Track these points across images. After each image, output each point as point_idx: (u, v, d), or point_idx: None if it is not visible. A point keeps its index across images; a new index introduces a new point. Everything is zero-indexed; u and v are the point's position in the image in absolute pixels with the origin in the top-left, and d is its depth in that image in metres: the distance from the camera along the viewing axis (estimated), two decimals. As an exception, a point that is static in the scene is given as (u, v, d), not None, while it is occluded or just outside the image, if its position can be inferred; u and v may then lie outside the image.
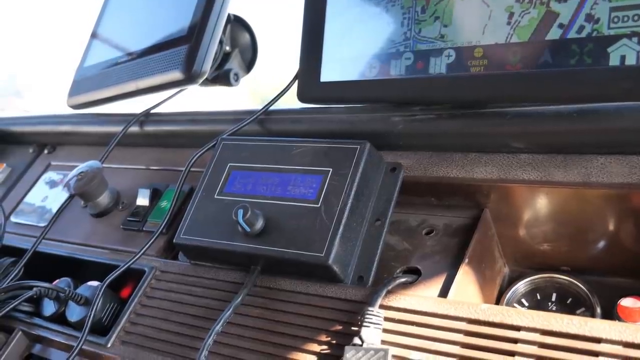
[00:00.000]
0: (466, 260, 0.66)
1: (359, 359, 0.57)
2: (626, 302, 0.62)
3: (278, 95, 0.88)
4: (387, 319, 0.61)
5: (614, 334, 0.51)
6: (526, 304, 0.70)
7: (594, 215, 0.65)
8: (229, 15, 0.98)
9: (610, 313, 0.63)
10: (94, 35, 1.16)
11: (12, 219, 1.09)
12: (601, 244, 0.67)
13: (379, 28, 0.75)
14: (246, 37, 1.05)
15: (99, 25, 1.17)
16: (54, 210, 1.01)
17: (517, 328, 0.55)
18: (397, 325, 0.61)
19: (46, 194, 1.11)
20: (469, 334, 0.57)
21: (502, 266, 0.73)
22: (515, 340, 0.55)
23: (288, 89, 0.87)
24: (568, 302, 0.68)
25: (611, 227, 0.65)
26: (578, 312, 0.67)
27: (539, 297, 0.70)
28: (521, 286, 0.71)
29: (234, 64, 1.03)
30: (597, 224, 0.66)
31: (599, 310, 0.65)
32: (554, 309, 0.68)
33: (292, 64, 0.85)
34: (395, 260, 0.71)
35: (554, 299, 0.69)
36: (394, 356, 0.58)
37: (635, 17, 0.57)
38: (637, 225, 0.64)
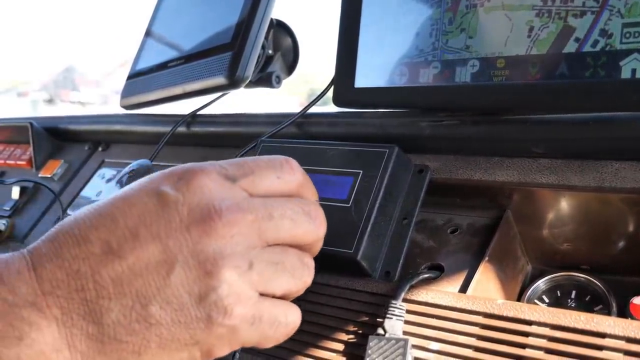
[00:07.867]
0: (486, 258, 0.70)
1: (381, 347, 0.62)
2: (638, 300, 0.65)
3: (315, 99, 0.93)
4: (409, 312, 0.65)
5: (618, 329, 0.55)
6: (547, 300, 0.73)
7: (612, 217, 0.68)
8: (271, 20, 1.01)
9: (625, 310, 0.66)
10: (144, 39, 1.22)
11: (69, 212, 1.15)
12: (619, 244, 0.70)
13: (409, 38, 0.80)
14: (288, 41, 1.08)
15: (150, 30, 1.22)
16: (108, 204, 1.08)
17: (529, 322, 0.59)
18: (418, 318, 0.65)
19: (100, 189, 1.17)
20: (485, 327, 0.61)
21: (524, 264, 0.77)
22: (526, 334, 0.58)
23: (325, 94, 0.92)
24: (587, 299, 0.71)
25: (629, 228, 0.68)
26: (596, 309, 0.69)
27: (559, 294, 0.73)
28: (542, 284, 0.74)
29: (276, 66, 1.06)
30: (615, 225, 0.69)
31: (614, 307, 0.68)
32: (573, 305, 0.71)
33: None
34: (421, 256, 0.75)
35: (573, 296, 0.72)
36: (413, 346, 0.62)
37: (646, 33, 0.60)
38: (653, 227, 0.66)
